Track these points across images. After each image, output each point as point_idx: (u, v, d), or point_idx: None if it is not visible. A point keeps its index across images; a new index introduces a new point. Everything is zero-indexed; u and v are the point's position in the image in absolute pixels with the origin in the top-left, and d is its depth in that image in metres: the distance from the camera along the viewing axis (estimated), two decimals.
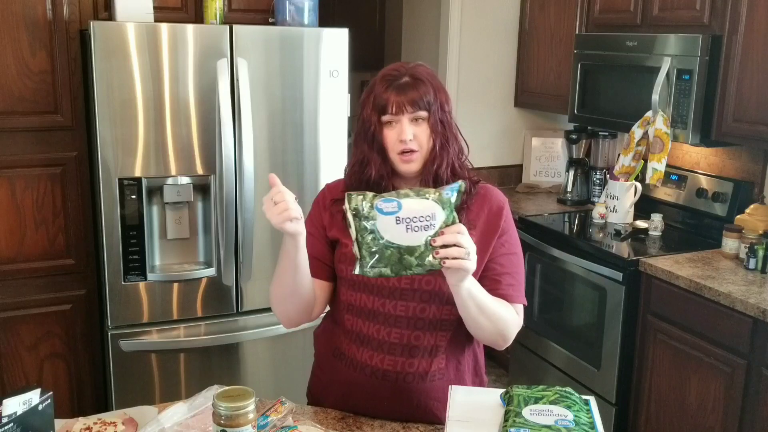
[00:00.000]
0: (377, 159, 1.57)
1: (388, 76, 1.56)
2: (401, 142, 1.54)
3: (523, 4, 4.11)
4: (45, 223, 2.86)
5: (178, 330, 2.84)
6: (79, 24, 2.80)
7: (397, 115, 1.54)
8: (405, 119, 1.54)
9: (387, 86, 1.55)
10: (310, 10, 2.93)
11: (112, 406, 2.78)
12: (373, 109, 1.55)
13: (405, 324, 1.60)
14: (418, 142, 1.55)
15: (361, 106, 1.60)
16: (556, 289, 3.38)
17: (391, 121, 1.55)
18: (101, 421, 1.54)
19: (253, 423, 1.32)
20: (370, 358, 1.63)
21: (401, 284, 1.58)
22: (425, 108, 1.54)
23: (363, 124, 1.58)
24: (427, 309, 1.59)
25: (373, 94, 1.56)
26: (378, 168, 1.57)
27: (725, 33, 2.85)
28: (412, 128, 1.54)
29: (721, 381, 2.59)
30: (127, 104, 2.62)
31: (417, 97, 1.53)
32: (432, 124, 1.56)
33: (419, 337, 1.61)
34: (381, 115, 1.55)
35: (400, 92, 1.53)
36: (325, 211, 1.68)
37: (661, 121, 3.03)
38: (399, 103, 1.53)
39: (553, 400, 1.41)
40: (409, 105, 1.53)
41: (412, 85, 1.54)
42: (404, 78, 1.55)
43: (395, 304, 1.60)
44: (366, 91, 1.60)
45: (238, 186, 2.78)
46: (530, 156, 4.30)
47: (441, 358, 1.64)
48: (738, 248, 2.87)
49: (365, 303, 1.62)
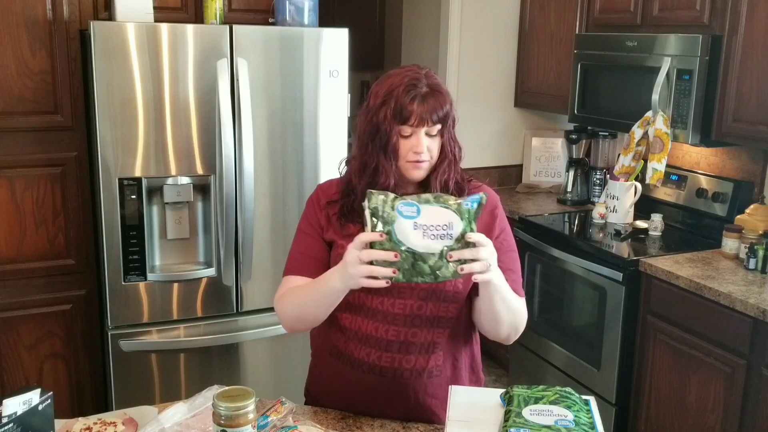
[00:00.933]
0: (391, 167, 1.57)
1: (410, 86, 1.54)
2: (415, 153, 1.56)
3: (523, 4, 4.11)
4: (45, 223, 2.86)
5: (178, 330, 2.84)
6: (79, 24, 2.80)
7: (417, 127, 1.55)
8: (422, 132, 1.55)
9: (411, 97, 1.53)
10: (310, 10, 2.93)
11: (112, 406, 2.78)
12: (393, 118, 1.54)
13: (402, 321, 1.60)
14: (430, 153, 1.58)
15: (374, 110, 1.57)
16: (556, 289, 3.38)
17: (409, 132, 1.56)
18: (101, 421, 1.54)
19: (253, 423, 1.32)
20: (367, 356, 1.63)
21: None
22: (441, 121, 1.56)
23: (377, 130, 1.56)
24: (424, 306, 1.60)
25: (395, 103, 1.53)
26: (392, 176, 1.58)
27: (725, 33, 2.85)
28: (427, 140, 1.56)
29: (721, 381, 2.59)
30: (127, 104, 2.62)
31: (438, 108, 1.54)
32: (445, 138, 1.59)
33: (416, 333, 1.61)
34: (400, 125, 1.55)
35: (423, 104, 1.53)
36: (321, 211, 1.68)
37: (661, 121, 3.03)
38: (421, 115, 1.53)
39: (553, 400, 1.41)
40: (429, 118, 1.54)
41: (433, 95, 1.55)
42: (424, 88, 1.55)
43: (393, 302, 1.60)
44: (378, 95, 1.57)
45: (238, 186, 2.78)
46: (530, 156, 4.30)
47: (438, 355, 1.64)
48: (738, 248, 2.87)
49: (363, 301, 1.62)
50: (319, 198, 1.70)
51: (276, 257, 2.88)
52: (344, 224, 1.64)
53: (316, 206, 1.70)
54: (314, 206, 1.71)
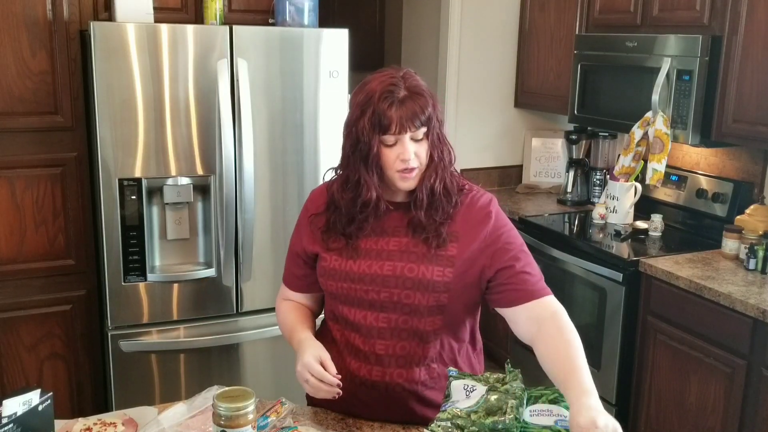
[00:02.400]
0: (374, 180, 1.52)
1: (386, 92, 1.47)
2: (403, 161, 1.50)
3: (523, 4, 4.11)
4: (45, 224, 2.86)
5: (178, 330, 2.84)
6: (79, 24, 2.80)
7: (399, 134, 1.48)
8: (406, 138, 1.49)
9: (388, 103, 1.46)
10: (310, 11, 2.93)
11: (112, 406, 2.78)
12: (372, 128, 1.47)
13: (389, 335, 1.58)
14: (418, 159, 1.52)
15: (354, 121, 1.51)
16: (556, 289, 3.32)
17: (392, 141, 1.50)
18: (101, 421, 1.54)
19: (253, 423, 1.32)
20: (358, 369, 1.61)
21: (381, 297, 1.56)
22: (426, 124, 1.50)
23: (357, 142, 1.50)
24: (409, 321, 1.57)
25: (373, 112, 1.47)
26: (375, 189, 1.53)
27: (725, 33, 2.85)
28: (413, 146, 1.50)
29: (721, 381, 2.59)
30: (127, 105, 2.62)
31: (419, 112, 1.48)
32: (431, 140, 1.53)
33: (405, 347, 1.59)
34: (382, 134, 1.48)
35: (402, 109, 1.47)
36: (307, 227, 1.67)
37: (661, 122, 3.03)
38: (402, 122, 1.47)
39: (551, 399, 1.41)
40: (411, 123, 1.48)
41: (412, 98, 1.48)
42: (402, 92, 1.48)
43: (377, 316, 1.58)
44: (357, 105, 1.51)
45: (238, 186, 2.78)
46: (530, 156, 4.30)
47: (432, 368, 1.61)
48: (738, 249, 2.87)
49: (347, 315, 1.61)
50: (308, 209, 1.69)
51: (276, 257, 2.88)
52: (326, 239, 1.61)
53: (303, 221, 1.69)
54: (302, 220, 1.70)
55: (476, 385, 1.41)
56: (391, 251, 1.57)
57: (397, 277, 1.55)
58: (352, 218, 1.57)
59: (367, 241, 1.58)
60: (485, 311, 1.69)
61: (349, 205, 1.56)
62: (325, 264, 1.61)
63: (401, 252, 1.57)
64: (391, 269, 1.56)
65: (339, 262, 1.59)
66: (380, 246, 1.58)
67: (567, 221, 3.68)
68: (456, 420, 1.32)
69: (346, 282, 1.58)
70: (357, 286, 1.57)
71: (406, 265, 1.56)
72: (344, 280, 1.59)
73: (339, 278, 1.59)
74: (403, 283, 1.55)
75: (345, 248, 1.59)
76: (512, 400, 1.34)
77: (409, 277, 1.55)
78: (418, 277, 1.55)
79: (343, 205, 1.57)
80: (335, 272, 1.60)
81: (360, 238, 1.58)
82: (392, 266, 1.56)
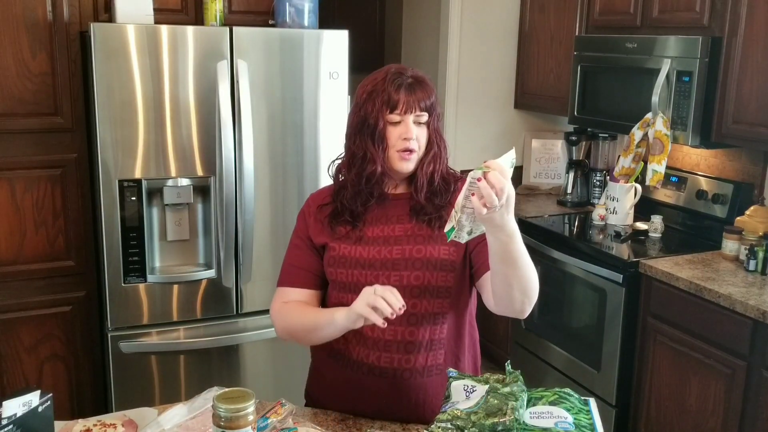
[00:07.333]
0: (381, 155, 1.60)
1: (396, 75, 1.60)
2: (404, 140, 1.59)
3: (523, 5, 4.12)
4: (45, 225, 2.86)
5: (177, 332, 2.84)
6: (79, 26, 2.80)
7: (405, 114, 1.58)
8: (410, 119, 1.59)
9: (396, 86, 1.58)
10: (310, 12, 2.93)
11: (112, 407, 2.78)
12: (381, 106, 1.58)
13: (398, 320, 1.58)
14: (418, 143, 1.61)
15: (361, 103, 1.61)
16: (556, 290, 3.38)
17: (397, 119, 1.59)
18: (101, 422, 1.54)
19: (252, 425, 1.32)
20: (366, 357, 1.64)
21: (391, 281, 1.59)
22: (428, 110, 1.61)
23: (365, 119, 1.60)
24: (418, 304, 1.61)
25: (382, 92, 1.58)
26: (381, 164, 1.60)
27: (725, 35, 2.85)
28: (415, 129, 1.60)
29: (721, 383, 2.59)
30: (127, 106, 2.62)
31: (424, 97, 1.60)
32: (431, 129, 1.63)
33: (414, 332, 1.62)
34: (389, 112, 1.59)
35: (409, 92, 1.58)
36: (310, 218, 1.71)
37: (661, 123, 3.03)
38: (408, 102, 1.58)
39: (552, 401, 1.41)
40: (417, 105, 1.59)
41: (419, 85, 1.60)
42: (409, 78, 1.60)
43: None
44: (364, 90, 1.62)
45: (238, 187, 2.78)
46: (530, 158, 4.30)
47: (439, 353, 1.65)
48: (738, 250, 2.87)
49: None
50: (309, 206, 1.73)
51: (276, 259, 2.87)
52: (335, 227, 1.66)
53: (304, 217, 1.73)
54: (302, 217, 1.74)
55: (476, 385, 1.42)
56: (398, 236, 1.64)
57: (407, 259, 1.61)
58: (358, 192, 1.63)
59: (374, 229, 1.65)
60: (486, 311, 1.70)
61: (354, 182, 1.63)
62: (334, 253, 1.65)
63: (407, 236, 1.63)
64: (399, 252, 1.62)
65: (348, 249, 1.64)
66: (386, 233, 1.64)
67: (567, 222, 3.68)
68: (456, 421, 1.33)
69: (356, 269, 1.62)
70: (367, 272, 1.61)
71: (414, 247, 1.62)
72: (354, 267, 1.62)
73: (349, 265, 1.63)
74: (413, 265, 1.61)
75: (352, 235, 1.64)
76: (512, 401, 1.35)
77: (417, 258, 1.61)
78: (426, 257, 1.61)
79: (349, 182, 1.64)
80: (345, 259, 1.63)
81: (366, 225, 1.64)
82: (401, 249, 1.62)
